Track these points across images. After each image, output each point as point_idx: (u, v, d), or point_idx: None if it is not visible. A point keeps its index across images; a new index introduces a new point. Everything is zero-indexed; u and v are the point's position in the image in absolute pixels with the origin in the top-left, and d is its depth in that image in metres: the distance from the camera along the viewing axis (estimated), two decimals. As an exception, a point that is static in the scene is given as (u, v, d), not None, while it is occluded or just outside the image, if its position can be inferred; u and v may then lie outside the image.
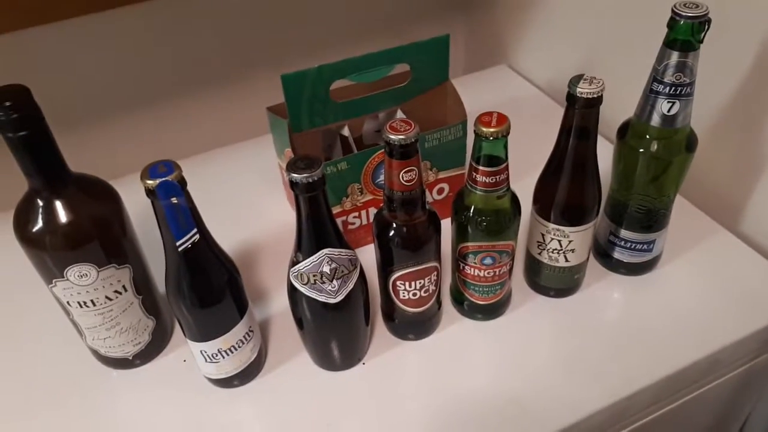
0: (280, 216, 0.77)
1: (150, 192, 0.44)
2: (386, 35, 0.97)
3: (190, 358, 0.60)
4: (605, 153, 0.58)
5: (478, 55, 1.08)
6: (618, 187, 0.61)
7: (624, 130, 0.58)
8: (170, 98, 0.88)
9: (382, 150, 0.64)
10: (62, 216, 0.49)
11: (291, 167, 0.45)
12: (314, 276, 0.50)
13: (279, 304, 0.66)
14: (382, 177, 0.66)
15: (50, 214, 0.49)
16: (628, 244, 0.63)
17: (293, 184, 0.45)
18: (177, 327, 0.64)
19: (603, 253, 0.66)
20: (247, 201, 0.80)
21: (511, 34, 1.01)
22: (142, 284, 0.57)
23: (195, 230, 0.47)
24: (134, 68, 0.84)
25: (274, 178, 0.79)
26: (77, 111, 0.83)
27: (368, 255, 0.60)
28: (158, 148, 0.85)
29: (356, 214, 0.68)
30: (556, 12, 0.90)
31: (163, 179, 0.43)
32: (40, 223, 0.49)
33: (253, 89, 0.89)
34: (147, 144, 0.88)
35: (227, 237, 0.53)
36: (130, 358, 0.60)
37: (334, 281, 0.51)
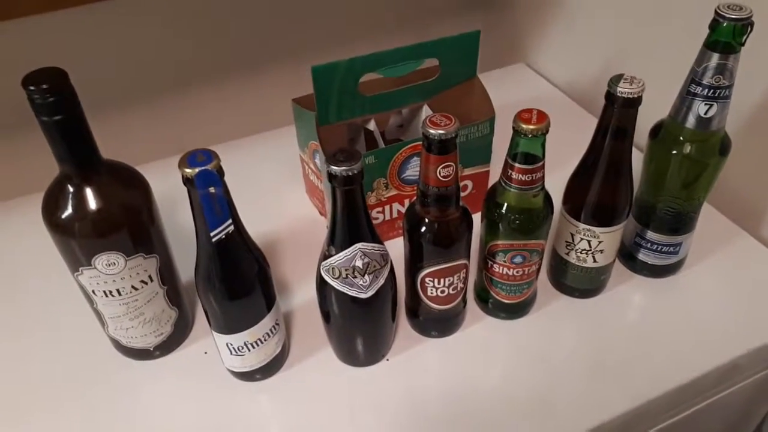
0: (300, 209, 0.77)
1: (188, 180, 0.43)
2: (405, 32, 0.96)
3: (210, 350, 0.59)
4: (632, 154, 0.57)
5: (496, 53, 1.07)
6: (647, 189, 0.61)
7: (657, 130, 0.58)
8: (196, 87, 0.87)
9: (410, 145, 0.64)
10: (93, 203, 0.48)
11: (331, 160, 0.44)
12: (346, 270, 0.50)
13: (300, 298, 0.65)
14: (408, 172, 0.66)
15: (81, 200, 0.48)
16: (654, 246, 0.63)
17: (332, 177, 0.45)
18: (198, 319, 0.63)
19: (627, 254, 0.66)
20: (266, 193, 0.79)
21: (530, 32, 1.01)
22: (167, 274, 0.56)
23: (230, 221, 0.46)
24: (159, 56, 0.83)
25: (294, 170, 0.78)
26: (101, 97, 0.81)
27: (391, 250, 0.59)
28: (180, 137, 0.84)
29: (380, 209, 0.68)
30: (577, 11, 0.90)
31: (202, 168, 0.43)
32: (69, 210, 0.48)
33: (275, 81, 0.88)
34: (169, 133, 0.87)
35: (246, 228, 0.52)
36: (151, 349, 0.59)
37: (366, 276, 0.50)
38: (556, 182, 0.59)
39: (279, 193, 0.79)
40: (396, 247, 0.57)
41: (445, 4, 0.99)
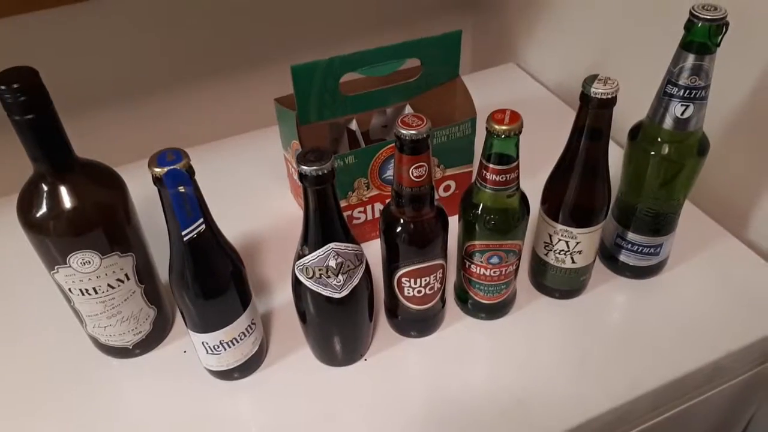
0: (284, 208, 0.77)
1: (157, 180, 0.43)
2: (394, 31, 0.96)
3: (190, 349, 0.59)
4: (613, 155, 0.57)
5: (486, 53, 1.07)
6: (627, 190, 0.61)
7: (635, 131, 0.58)
8: (177, 87, 0.88)
9: (391, 145, 0.64)
10: (67, 201, 0.49)
11: (301, 159, 0.45)
12: (320, 270, 0.50)
13: (281, 298, 0.65)
14: (389, 172, 0.66)
15: (55, 199, 0.49)
16: (635, 248, 0.63)
17: (302, 177, 0.45)
18: (178, 317, 0.64)
19: (609, 255, 0.66)
20: (251, 193, 0.80)
21: (520, 32, 1.01)
22: (144, 273, 0.56)
23: (201, 220, 0.46)
24: (142, 56, 0.83)
25: (279, 170, 0.78)
26: (84, 97, 0.82)
27: (372, 250, 0.59)
28: (163, 136, 0.84)
29: (362, 209, 0.68)
30: (567, 11, 0.90)
31: (171, 167, 0.43)
32: (44, 208, 0.49)
33: (261, 80, 0.88)
34: (152, 132, 0.87)
35: (230, 228, 0.52)
36: (131, 347, 0.59)
37: (340, 276, 0.50)
38: (543, 183, 0.59)
39: (263, 193, 0.79)
40: (378, 248, 0.57)
41: (434, 5, 0.99)
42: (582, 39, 0.89)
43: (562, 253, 0.59)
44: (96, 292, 0.53)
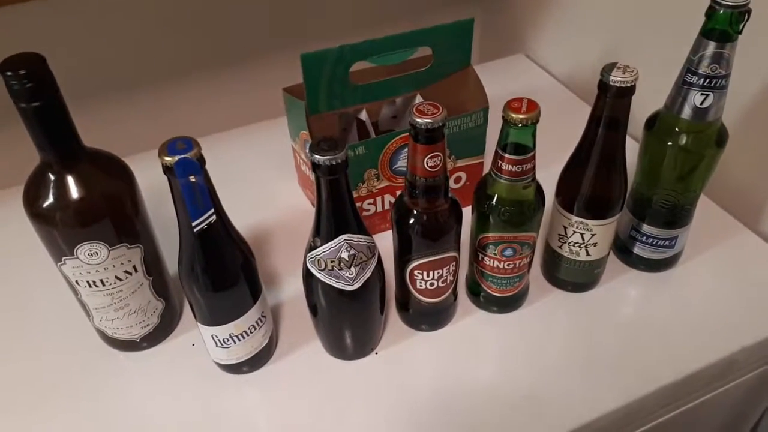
0: (292, 199, 0.76)
1: (167, 169, 0.42)
2: (403, 21, 0.95)
3: (198, 342, 0.59)
4: (627, 146, 0.56)
5: (495, 44, 1.06)
6: (642, 181, 0.60)
7: (652, 121, 0.57)
8: (185, 76, 0.87)
9: (401, 135, 0.63)
10: (74, 192, 0.48)
11: (314, 148, 0.43)
12: (332, 262, 0.49)
13: (290, 290, 0.64)
14: (399, 163, 0.65)
15: (62, 189, 0.48)
16: (650, 240, 0.62)
17: (315, 166, 0.44)
18: (186, 310, 0.63)
19: (623, 248, 0.65)
20: (258, 183, 0.79)
21: (529, 22, 0.99)
22: (152, 265, 0.55)
23: (212, 210, 0.45)
24: (150, 45, 0.82)
25: (287, 161, 0.77)
26: (90, 86, 0.81)
27: (382, 242, 0.58)
28: (170, 127, 0.82)
29: (371, 200, 0.67)
30: (578, 1, 0.88)
31: (182, 156, 0.42)
32: (51, 199, 0.48)
33: (269, 70, 0.87)
34: (159, 123, 0.86)
35: (237, 219, 0.51)
36: (138, 340, 0.58)
37: (352, 268, 0.49)
38: (555, 175, 0.58)
39: (271, 184, 0.78)
40: (387, 240, 0.56)
41: (444, -6, 0.97)
42: (592, 29, 0.88)
43: (576, 245, 0.58)
44: (103, 284, 0.52)
